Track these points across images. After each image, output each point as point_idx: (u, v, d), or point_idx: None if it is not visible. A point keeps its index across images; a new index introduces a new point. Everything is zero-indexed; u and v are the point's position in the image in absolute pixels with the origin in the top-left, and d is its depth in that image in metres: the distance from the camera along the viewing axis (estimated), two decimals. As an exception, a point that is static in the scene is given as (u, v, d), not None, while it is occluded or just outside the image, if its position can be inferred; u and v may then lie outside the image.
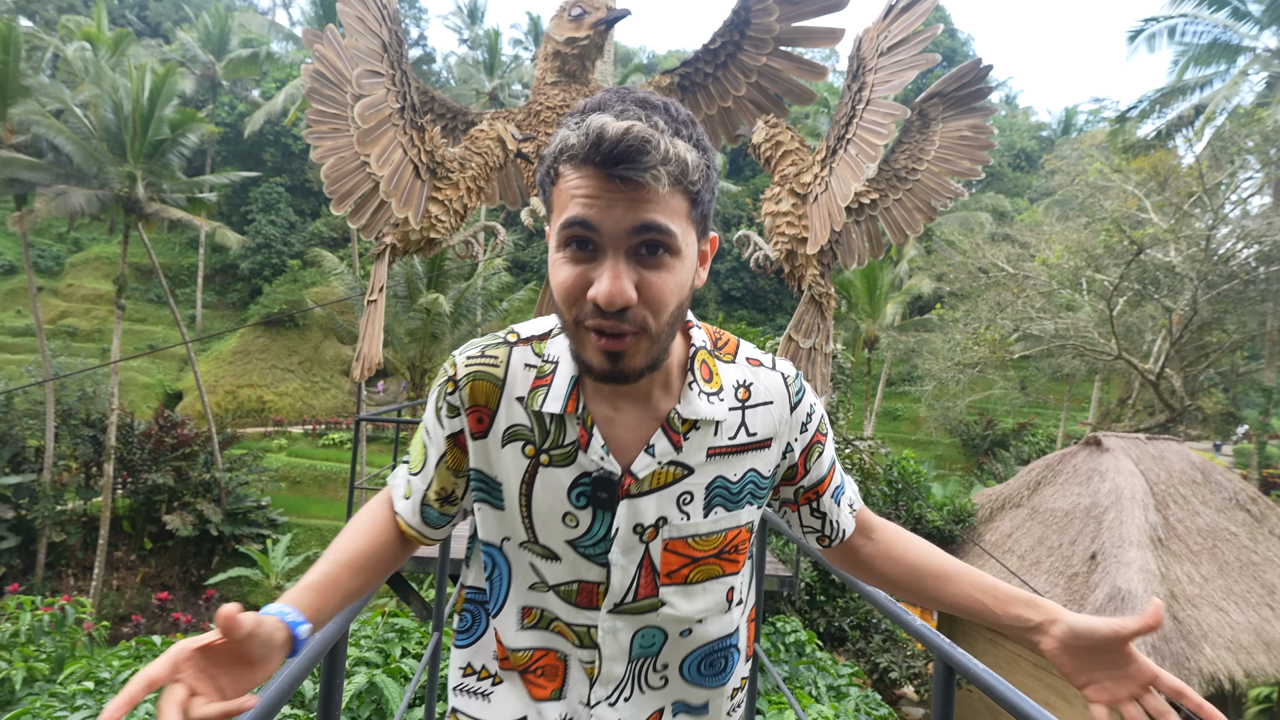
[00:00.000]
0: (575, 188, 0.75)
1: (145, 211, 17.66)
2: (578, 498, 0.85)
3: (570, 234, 0.76)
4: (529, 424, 0.85)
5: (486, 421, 0.87)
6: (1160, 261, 16.05)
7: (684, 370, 0.87)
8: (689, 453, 0.85)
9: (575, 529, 0.85)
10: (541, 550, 0.87)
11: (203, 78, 34.97)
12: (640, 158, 0.71)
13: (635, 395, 0.85)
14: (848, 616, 9.13)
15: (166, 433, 19.11)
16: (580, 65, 6.19)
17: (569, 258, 0.77)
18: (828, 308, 5.38)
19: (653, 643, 0.90)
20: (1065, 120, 47.90)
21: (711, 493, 0.87)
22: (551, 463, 0.85)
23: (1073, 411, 29.32)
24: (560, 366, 0.85)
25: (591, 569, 0.87)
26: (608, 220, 0.73)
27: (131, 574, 19.05)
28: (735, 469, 0.88)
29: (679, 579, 0.88)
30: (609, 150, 0.71)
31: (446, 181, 5.31)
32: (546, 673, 0.91)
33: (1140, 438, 10.42)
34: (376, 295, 5.11)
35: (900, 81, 4.64)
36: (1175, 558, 8.66)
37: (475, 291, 19.68)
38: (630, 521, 0.85)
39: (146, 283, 33.57)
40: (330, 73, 5.07)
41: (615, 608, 0.88)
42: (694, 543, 0.88)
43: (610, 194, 0.73)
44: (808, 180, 5.17)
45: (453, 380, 0.87)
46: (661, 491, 0.85)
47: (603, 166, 0.72)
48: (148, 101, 17.12)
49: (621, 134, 0.71)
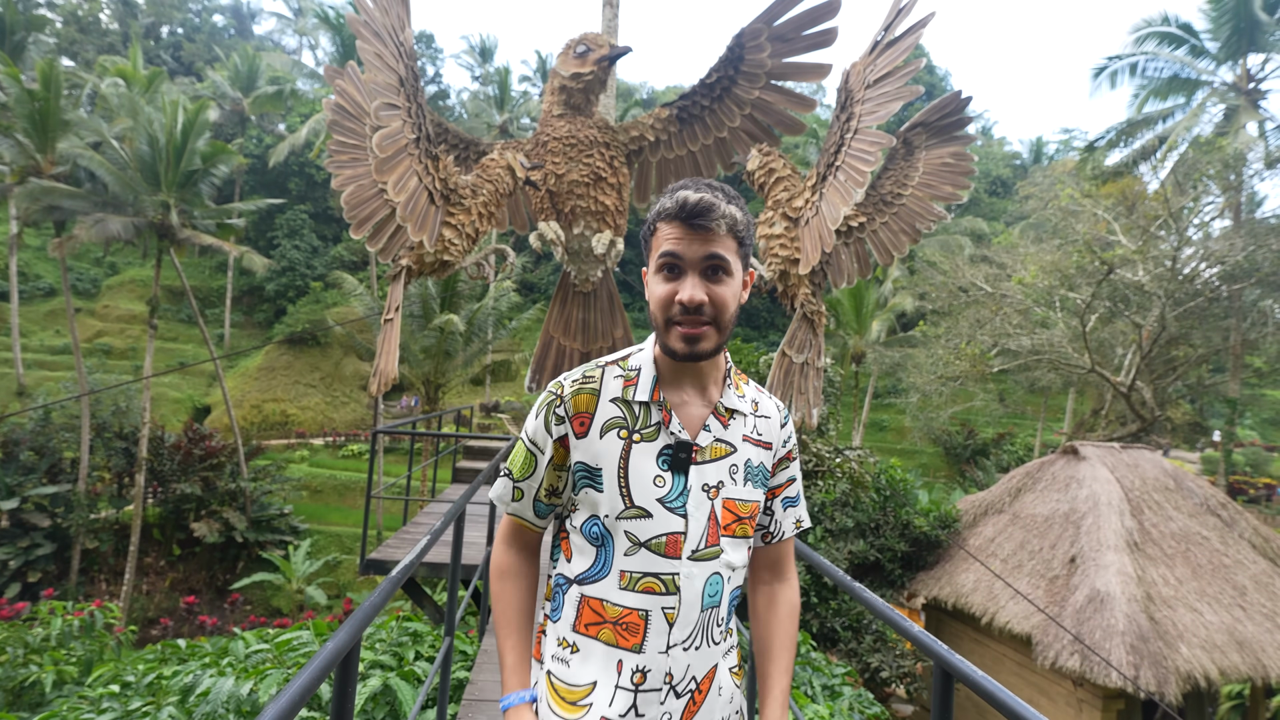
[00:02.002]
0: (667, 234, 1.10)
1: (178, 237, 17.71)
2: (662, 463, 1.11)
3: (664, 262, 1.10)
4: (622, 414, 1.13)
5: (588, 424, 1.13)
6: (1129, 281, 16.04)
7: (724, 376, 1.19)
8: (731, 434, 1.16)
9: (662, 488, 1.10)
10: (637, 511, 1.10)
11: (231, 113, 35.26)
12: (709, 213, 1.07)
13: (695, 388, 1.16)
14: (840, 618, 9.01)
15: (195, 445, 19.04)
16: (585, 99, 6.22)
17: (663, 279, 1.10)
18: (819, 325, 5.35)
19: (716, 590, 1.12)
20: (1036, 150, 48.18)
21: (747, 469, 1.16)
22: (642, 439, 1.12)
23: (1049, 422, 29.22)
24: (643, 371, 1.15)
25: (675, 520, 1.10)
26: (689, 252, 1.09)
27: (161, 579, 18.89)
28: (755, 456, 1.18)
29: (730, 532, 1.14)
30: (690, 209, 1.07)
31: (459, 207, 5.30)
32: (630, 629, 1.09)
33: (1115, 447, 10.34)
34: (393, 314, 5.09)
35: (886, 112, 4.64)
36: (1151, 561, 8.56)
37: (486, 311, 19.67)
38: (699, 482, 1.12)
39: (178, 304, 33.63)
40: (350, 106, 5.08)
41: (693, 554, 1.10)
42: (739, 505, 1.15)
43: (690, 236, 1.08)
44: (799, 205, 5.16)
45: (559, 398, 1.14)
46: (718, 462, 1.14)
47: (686, 220, 1.08)
48: (180, 134, 17.21)
49: (697, 200, 1.08)
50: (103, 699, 3.85)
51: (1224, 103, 18.76)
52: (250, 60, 35.19)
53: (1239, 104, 18.41)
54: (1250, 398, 21.98)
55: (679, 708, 1.08)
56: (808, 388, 5.28)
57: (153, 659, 4.68)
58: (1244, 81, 18.73)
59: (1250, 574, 8.62)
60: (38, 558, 16.52)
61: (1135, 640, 7.37)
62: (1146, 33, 19.46)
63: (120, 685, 4.03)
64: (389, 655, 3.91)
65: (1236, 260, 15.08)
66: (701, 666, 1.10)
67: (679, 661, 1.08)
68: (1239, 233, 15.77)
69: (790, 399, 5.27)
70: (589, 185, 6.20)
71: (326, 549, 21.80)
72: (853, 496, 10.54)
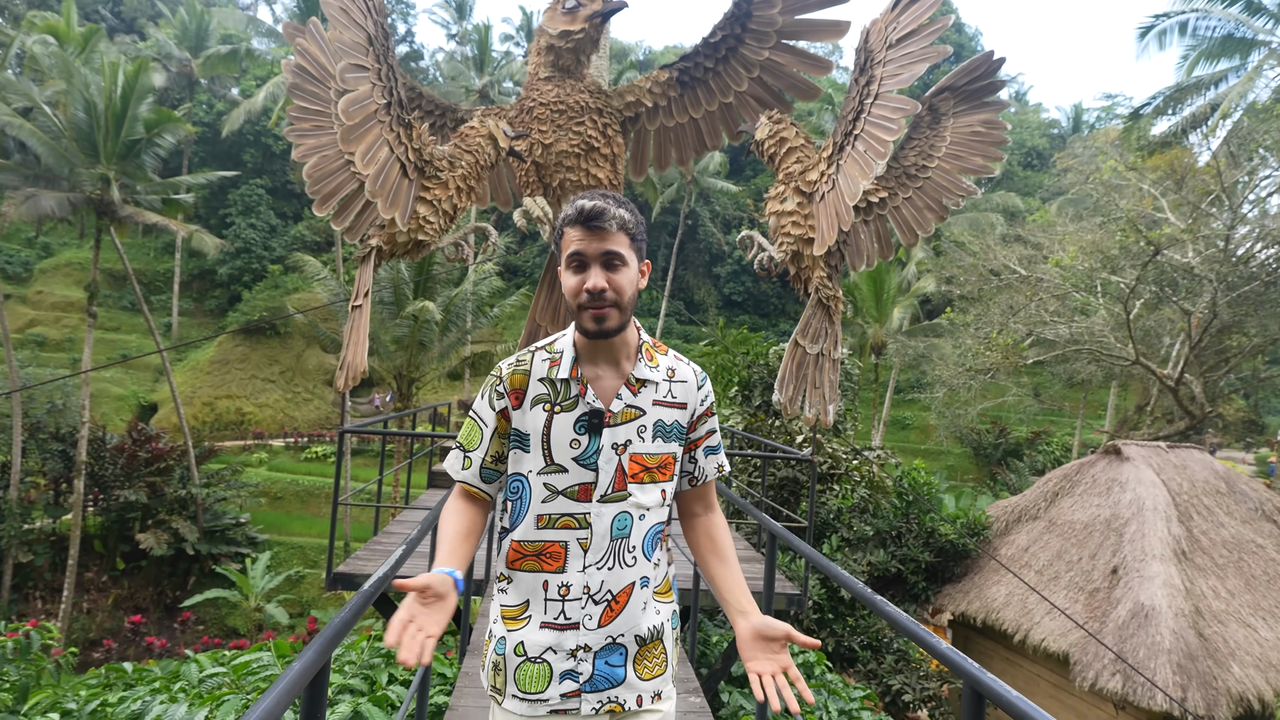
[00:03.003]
0: (572, 236, 1.51)
1: (118, 215, 17.59)
2: (579, 428, 1.52)
3: (572, 259, 1.51)
4: (547, 391, 1.54)
5: (521, 398, 1.55)
6: (1178, 263, 16.09)
7: (636, 351, 1.59)
8: (642, 400, 1.56)
9: (577, 449, 1.52)
10: (555, 468, 1.52)
11: (179, 75, 34.96)
12: (601, 216, 1.48)
13: (609, 363, 1.56)
14: (858, 636, 9.07)
15: (140, 447, 18.98)
16: (575, 60, 6.18)
17: (573, 272, 1.52)
18: (835, 311, 5.36)
19: (625, 524, 1.54)
20: (1075, 117, 48.17)
21: (655, 428, 1.57)
22: (562, 410, 1.53)
23: (1089, 419, 29.37)
24: (565, 352, 1.56)
25: (586, 474, 1.53)
26: (590, 249, 1.50)
27: (103, 596, 18.88)
28: (667, 416, 1.58)
29: (638, 480, 1.55)
30: (587, 214, 1.49)
31: (435, 181, 5.28)
32: (552, 556, 1.53)
33: (1161, 446, 10.40)
34: (361, 300, 5.07)
35: (910, 75, 4.63)
36: (1200, 571, 8.63)
37: (465, 297, 19.64)
38: (610, 441, 1.53)
39: (119, 289, 33.47)
40: (313, 67, 5.04)
41: (602, 498, 1.53)
42: (646, 458, 1.55)
43: (589, 236, 1.49)
44: (814, 178, 5.16)
45: (500, 379, 1.57)
46: (628, 424, 1.54)
47: (585, 223, 1.49)
48: (120, 99, 17.07)
49: (592, 206, 1.49)
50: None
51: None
52: (199, 16, 34.88)
53: (1300, 66, 18.41)
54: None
55: (597, 612, 1.53)
56: (823, 381, 5.29)
57: (96, 684, 4.68)
58: (1306, 41, 18.73)
59: (1309, 586, 8.70)
60: (-34, 573, 16.48)
61: (1183, 658, 7.44)
62: (1198, -14, 19.43)
63: (60, 713, 4.03)
64: (360, 679, 3.92)
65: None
66: (616, 583, 1.53)
67: (594, 578, 1.52)
68: (1299, 209, 15.83)
69: (804, 393, 5.28)
70: (580, 156, 6.18)
71: (288, 562, 21.81)
72: (872, 502, 10.59)
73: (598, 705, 1.53)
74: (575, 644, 1.52)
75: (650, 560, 1.57)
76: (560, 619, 1.52)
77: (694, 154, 6.70)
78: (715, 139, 6.60)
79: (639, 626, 1.55)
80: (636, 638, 1.55)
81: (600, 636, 1.53)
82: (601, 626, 1.52)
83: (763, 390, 11.38)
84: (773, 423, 10.99)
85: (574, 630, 1.52)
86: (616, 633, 1.54)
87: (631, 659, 1.55)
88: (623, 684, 1.54)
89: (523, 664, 1.53)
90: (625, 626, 1.54)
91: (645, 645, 1.57)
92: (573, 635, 1.52)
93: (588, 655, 1.52)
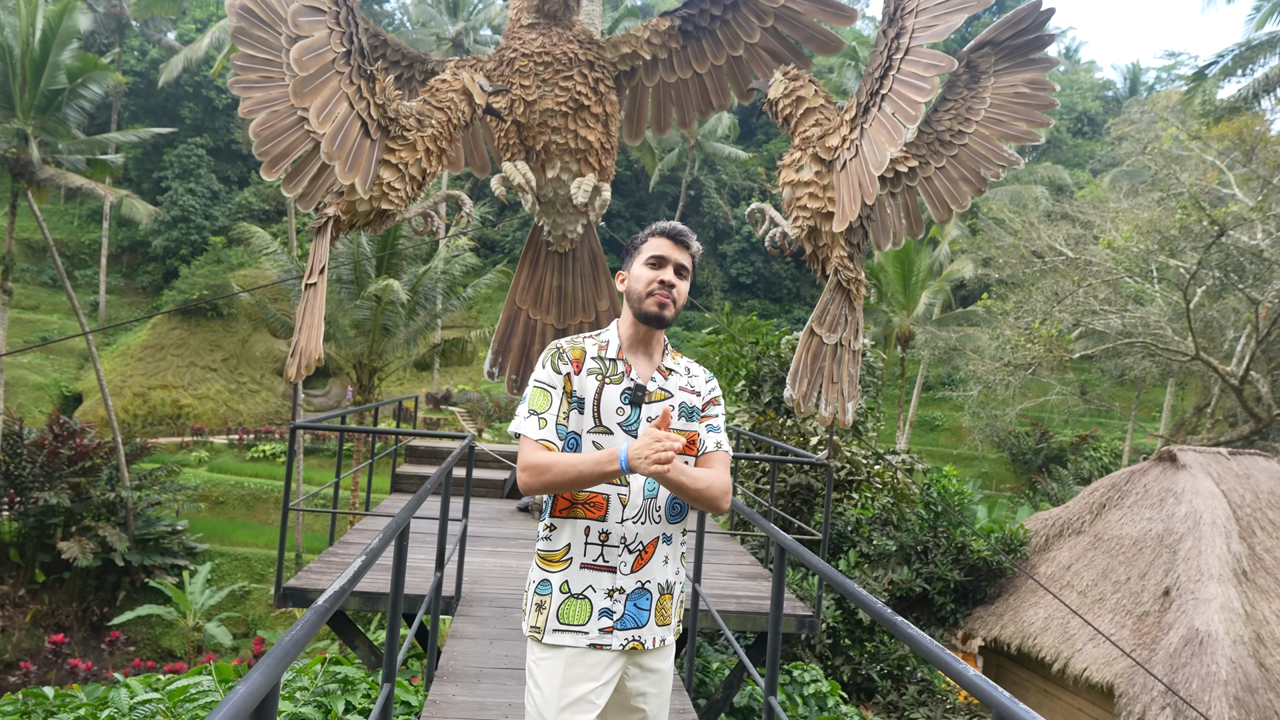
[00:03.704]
0: (658, 245, 2.09)
1: (38, 176, 17.49)
2: (624, 398, 2.06)
3: (654, 260, 2.07)
4: (599, 367, 2.08)
5: (579, 367, 2.07)
6: (1245, 245, 16.17)
7: (664, 348, 2.17)
8: (670, 385, 2.12)
9: (621, 416, 2.05)
10: (602, 429, 2.04)
11: (106, 17, 34.70)
12: (687, 236, 2.11)
13: (645, 354, 2.12)
14: (877, 664, 9.14)
15: (62, 443, 18.94)
16: (563, 5, 6.16)
17: (650, 268, 2.07)
18: (857, 296, 5.37)
19: (654, 487, 2.04)
20: (1133, 78, 48.25)
21: (680, 409, 2.11)
22: (610, 382, 2.07)
23: (1141, 422, 29.56)
24: (611, 341, 2.12)
25: (628, 439, 2.03)
26: (671, 255, 2.08)
27: (20, 612, 18.87)
28: (689, 401, 2.13)
29: None
30: (677, 233, 2.10)
31: (401, 141, 5.26)
32: (596, 506, 2.01)
33: (1222, 453, 10.47)
34: (316, 278, 5.06)
35: (946, 26, 4.62)
36: (1263, 594, 8.71)
37: (435, 275, 19.59)
38: (647, 415, 2.07)
39: (39, 263, 33.29)
40: (261, 10, 5.01)
41: None
42: (674, 433, 2.00)
43: (675, 248, 2.09)
44: (834, 144, 5.15)
45: (561, 350, 2.08)
46: (660, 403, 2.08)
47: (673, 238, 2.09)
48: (40, 44, 16.93)
49: (682, 229, 2.11)
50: (-51, 761, 3.87)
51: (1369, 21, 18.81)
52: (131, -51, 34.61)
53: (1388, 23, 18.46)
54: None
55: (630, 559, 2.03)
56: (841, 375, 5.31)
57: (12, 711, 4.69)
58: (1395, -6, 18.77)
59: (1385, 611, 8.80)
60: None
61: (1240, 691, 7.52)
62: (1274, -70, 19.44)
63: (-29, 743, 4.04)
64: (312, 706, 3.94)
65: (1379, 221, 15.23)
66: (646, 536, 2.03)
67: (630, 529, 2.01)
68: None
69: (819, 389, 5.30)
70: (567, 116, 6.16)
71: (231, 575, 21.83)
72: (895, 513, 10.65)
73: (625, 642, 2.02)
74: (611, 585, 2.01)
75: (672, 521, 2.09)
76: (600, 561, 2.01)
77: (698, 115, 6.68)
78: (722, 98, 6.58)
79: (660, 576, 2.07)
80: (659, 586, 2.07)
81: (632, 581, 2.03)
82: (633, 572, 2.03)
83: (773, 385, 11.41)
84: (784, 422, 11.03)
85: (610, 573, 2.01)
86: (645, 579, 2.04)
87: (654, 605, 2.06)
88: (645, 626, 2.04)
89: (567, 600, 2.01)
90: (651, 574, 2.05)
91: (663, 595, 2.08)
92: (609, 577, 2.01)
93: (621, 597, 2.02)
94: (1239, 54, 19.89)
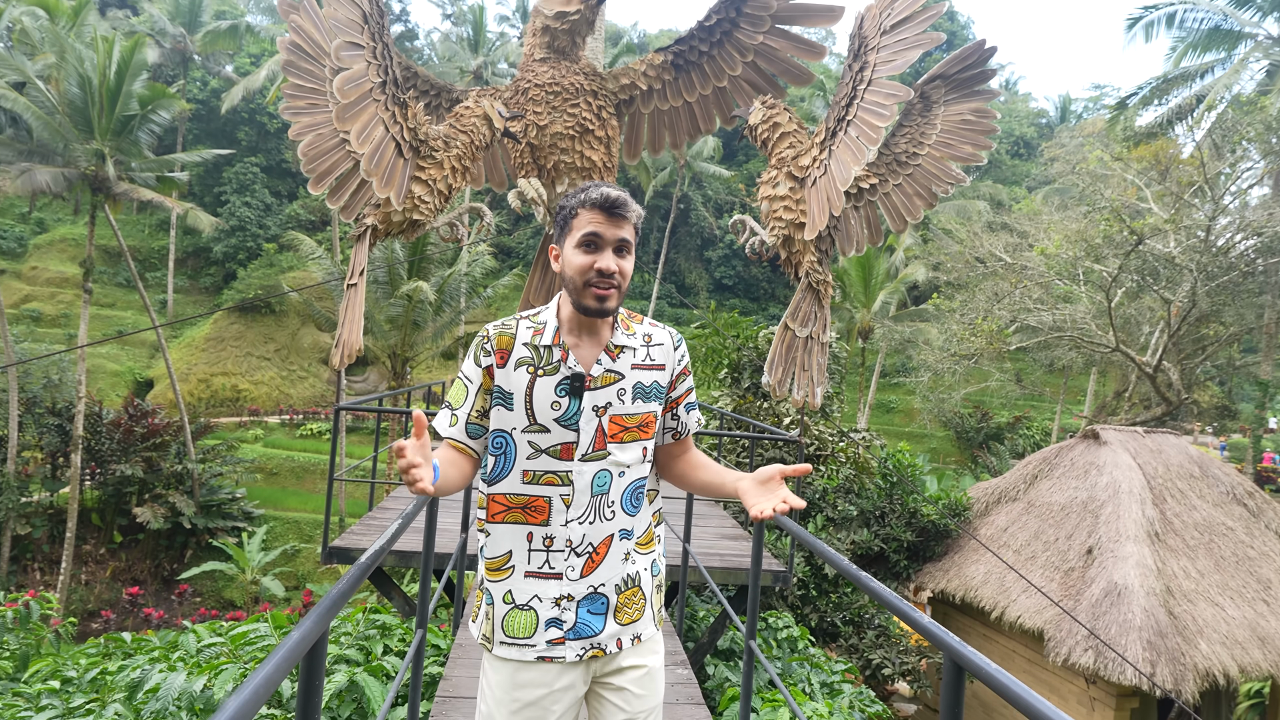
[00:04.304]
0: (590, 219, 1.57)
1: (113, 191, 17.35)
2: (560, 390, 1.58)
3: (587, 239, 1.57)
4: (530, 356, 1.60)
5: (506, 358, 1.61)
6: (1160, 252, 16.16)
7: (613, 322, 1.66)
8: (620, 365, 1.63)
9: (558, 411, 1.58)
10: (538, 427, 1.58)
11: (172, 51, 34.35)
12: (624, 206, 1.57)
13: (589, 334, 1.63)
14: (840, 612, 9.18)
15: (136, 422, 18.87)
16: (570, 41, 6.11)
17: (584, 252, 1.58)
18: (825, 295, 5.36)
19: (604, 482, 1.60)
20: (1063, 107, 48.09)
21: (635, 390, 1.64)
22: (544, 374, 1.59)
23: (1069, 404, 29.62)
24: (548, 323, 1.63)
25: (568, 434, 1.59)
26: (607, 233, 1.57)
27: (101, 568, 18.86)
28: (646, 378, 1.66)
29: (617, 440, 1.62)
30: (612, 202, 1.56)
31: (430, 160, 5.23)
32: (537, 510, 1.59)
33: (1138, 431, 10.51)
34: (356, 279, 5.03)
35: (903, 61, 4.60)
36: (1172, 552, 8.76)
37: (459, 277, 19.52)
38: (590, 404, 1.59)
39: (114, 266, 33.09)
40: (308, 45, 4.97)
41: (583, 457, 1.59)
42: (625, 419, 1.62)
43: (608, 222, 1.57)
44: (806, 163, 5.13)
45: (487, 337, 1.64)
46: (607, 388, 1.61)
47: (607, 209, 1.57)
48: (115, 75, 16.76)
49: (617, 196, 1.57)
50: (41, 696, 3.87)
51: (1268, 58, 18.76)
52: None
53: (1284, 60, 18.42)
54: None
55: (579, 564, 1.59)
56: (811, 364, 5.31)
57: (95, 654, 4.69)
58: (1291, 35, 18.73)
59: (1276, 567, 8.85)
60: (-37, 544, 16.42)
61: (1153, 636, 7.57)
62: (1188, -21, 19.36)
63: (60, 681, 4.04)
64: (355, 649, 3.94)
65: (1276, 231, 15.23)
66: (596, 536, 1.60)
67: (576, 531, 1.59)
68: (1278, 201, 15.90)
69: (792, 376, 5.29)
70: (574, 138, 6.12)
71: (283, 536, 21.83)
72: (856, 483, 10.67)
73: (581, 652, 1.60)
74: (559, 593, 1.58)
75: (629, 514, 1.64)
76: (545, 568, 1.59)
77: (687, 138, 6.65)
78: (709, 123, 6.55)
79: (618, 576, 1.62)
80: (615, 586, 1.62)
81: (583, 586, 1.60)
82: (583, 577, 1.59)
83: (752, 373, 11.40)
84: (761, 404, 11.03)
85: (557, 580, 1.59)
86: (598, 582, 1.61)
87: (612, 608, 1.62)
88: (603, 632, 1.61)
89: (510, 611, 1.60)
90: (606, 576, 1.61)
91: (623, 593, 1.64)
92: (556, 585, 1.59)
93: (571, 605, 1.59)
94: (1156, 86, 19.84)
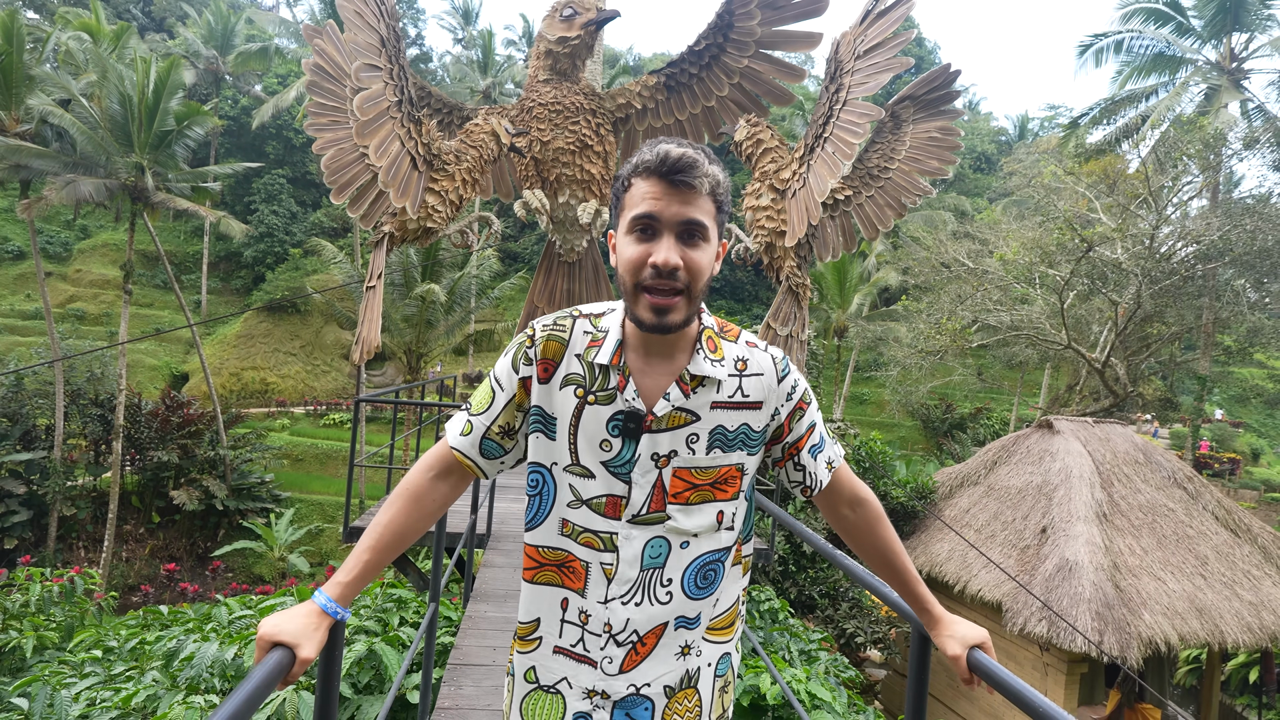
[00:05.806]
0: (645, 192, 1.03)
1: (151, 200, 17.23)
2: (612, 429, 1.07)
3: (639, 222, 1.03)
4: (582, 373, 1.09)
5: (551, 371, 1.11)
6: (1108, 258, 16.22)
7: (695, 341, 1.10)
8: (695, 403, 1.08)
9: (608, 453, 1.08)
10: (581, 470, 1.09)
11: (205, 72, 34.09)
12: (691, 170, 1.01)
13: (661, 355, 1.09)
14: (817, 586, 9.21)
15: (173, 412, 18.79)
16: (571, 64, 6.09)
17: (636, 239, 1.03)
18: (804, 297, 5.36)
19: (659, 553, 1.09)
20: (1021, 125, 48.14)
21: (712, 436, 1.09)
22: (596, 401, 1.08)
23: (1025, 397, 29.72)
24: (610, 333, 1.10)
25: (618, 485, 1.08)
26: (667, 213, 1.01)
27: (140, 546, 18.77)
28: (732, 420, 1.10)
29: (681, 500, 1.09)
30: (672, 164, 1.00)
31: (443, 173, 5.20)
32: (574, 573, 1.11)
33: (1088, 421, 10.56)
34: (375, 281, 5.01)
35: (876, 83, 4.59)
36: (1118, 531, 8.81)
37: (468, 280, 19.47)
38: (649, 450, 1.07)
39: (152, 269, 32.87)
40: (330, 67, 4.93)
41: (633, 518, 1.09)
42: (695, 473, 1.09)
43: (669, 195, 1.01)
44: (787, 177, 5.13)
45: (531, 339, 1.12)
46: (675, 431, 1.08)
47: (666, 176, 1.01)
48: (153, 94, 16.63)
49: (680, 155, 1.01)
50: (85, 663, 3.85)
51: (1206, 82, 18.84)
52: (225, 18, 33.98)
53: (1221, 83, 18.49)
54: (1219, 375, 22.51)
55: (619, 655, 1.10)
56: (791, 360, 5.31)
57: (135, 625, 4.67)
58: (1227, 61, 18.80)
59: (1212, 544, 8.91)
60: (14, 524, 16.33)
61: (1101, 607, 7.62)
62: (1133, 9, 19.41)
63: (102, 650, 4.02)
64: (374, 621, 3.93)
65: (1212, 240, 15.30)
66: (645, 622, 1.09)
67: (618, 614, 1.09)
68: (1215, 212, 15.97)
69: (774, 371, 5.30)
70: (575, 153, 6.10)
71: (308, 517, 21.77)
72: (832, 468, 10.67)
73: None
74: (591, 685, 1.11)
75: (694, 598, 1.12)
76: (578, 647, 1.11)
77: (679, 153, 6.63)
78: (698, 139, 6.54)
79: (670, 675, 1.12)
80: (666, 688, 1.12)
81: (621, 684, 1.10)
82: (623, 673, 1.10)
83: (737, 368, 11.39)
84: (746, 397, 11.01)
85: (590, 667, 1.11)
86: (641, 681, 1.10)
87: (659, 713, 1.12)
88: None
89: (533, 691, 1.14)
90: (653, 674, 1.11)
91: (676, 694, 1.13)
92: (589, 673, 1.11)
93: (605, 704, 1.11)
94: (1105, 107, 19.92)
